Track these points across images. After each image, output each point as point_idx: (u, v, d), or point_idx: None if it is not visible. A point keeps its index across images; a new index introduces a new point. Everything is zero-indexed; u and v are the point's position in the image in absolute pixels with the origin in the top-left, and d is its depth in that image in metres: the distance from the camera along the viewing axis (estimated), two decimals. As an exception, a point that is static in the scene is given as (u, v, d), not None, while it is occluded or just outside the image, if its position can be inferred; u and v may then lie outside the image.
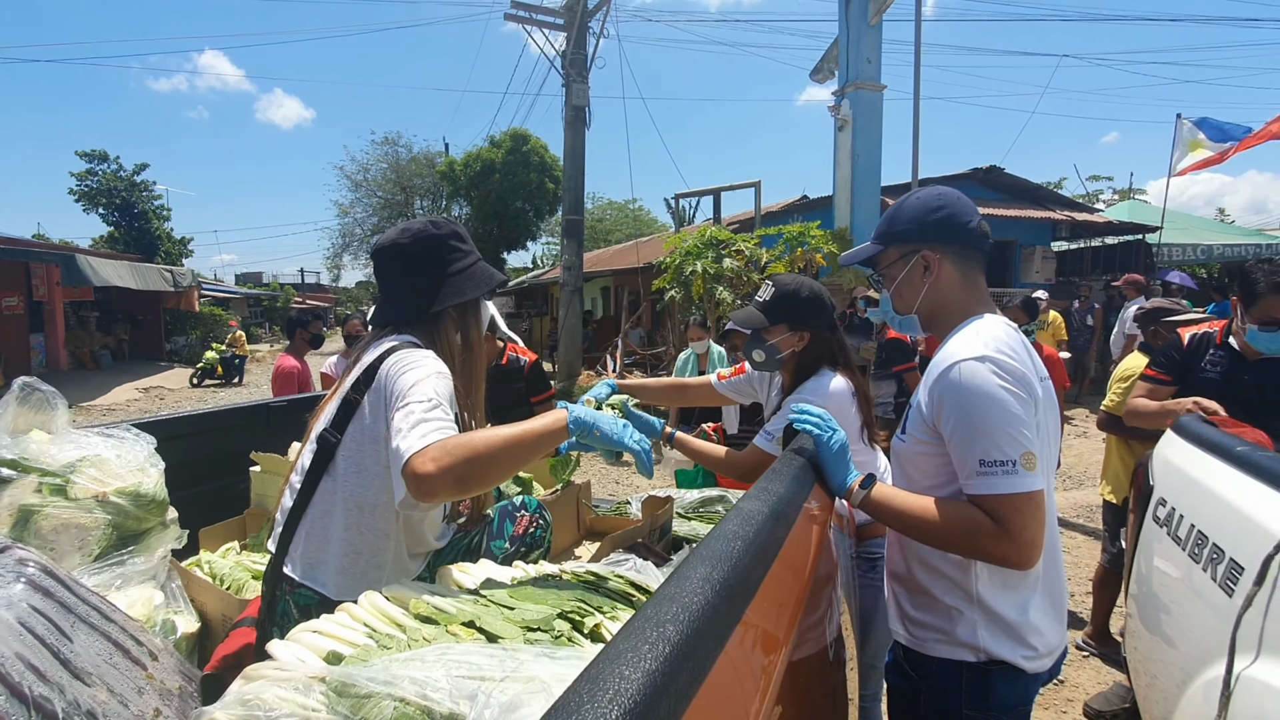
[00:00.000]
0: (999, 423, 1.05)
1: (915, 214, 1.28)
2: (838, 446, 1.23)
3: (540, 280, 21.78)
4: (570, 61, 12.93)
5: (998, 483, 1.04)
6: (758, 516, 0.88)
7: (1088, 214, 13.45)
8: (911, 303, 1.30)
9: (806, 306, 1.82)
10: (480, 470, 1.01)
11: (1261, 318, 2.11)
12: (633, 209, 37.66)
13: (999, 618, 1.15)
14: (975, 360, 1.09)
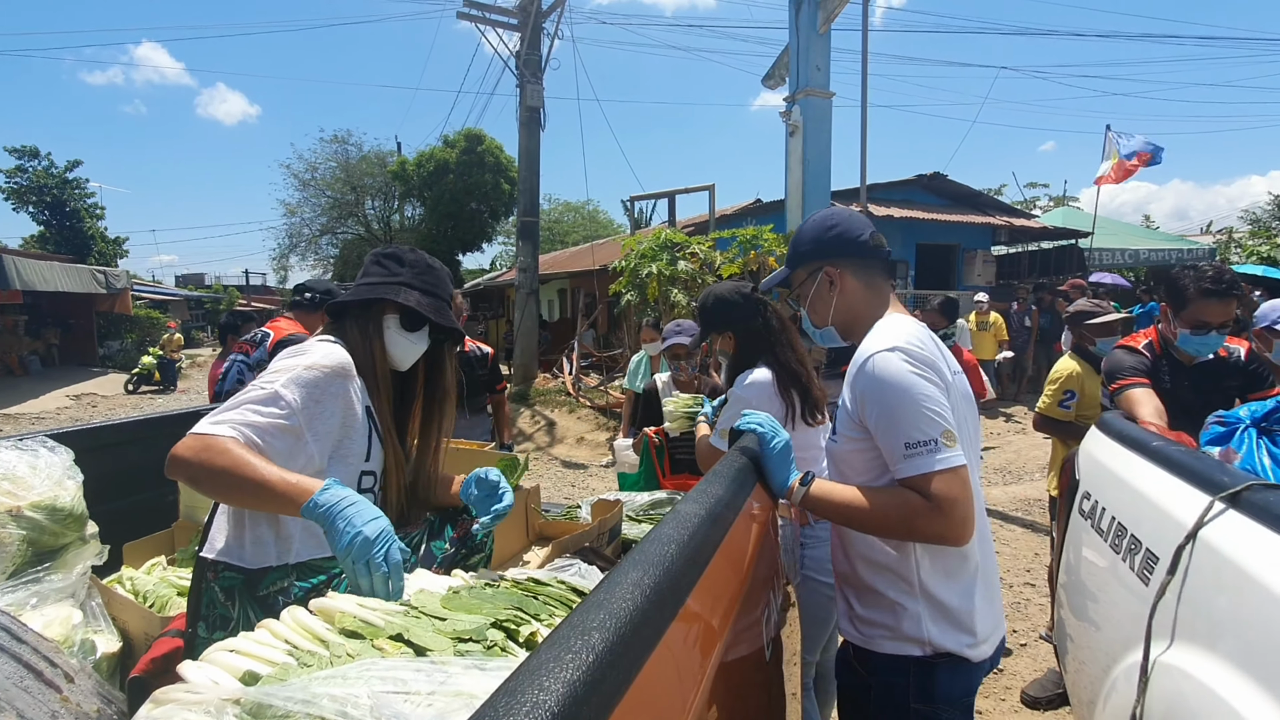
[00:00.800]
0: (915, 405, 1.12)
1: (813, 235, 1.39)
2: (780, 448, 1.27)
3: (496, 282, 21.53)
4: (524, 62, 12.83)
5: (923, 462, 1.10)
6: (694, 519, 0.88)
7: (1025, 220, 14.05)
8: (825, 315, 1.40)
9: (715, 312, 2.12)
10: (211, 482, 1.08)
11: (1191, 322, 2.16)
12: (590, 211, 37.58)
13: (942, 606, 1.20)
14: (885, 351, 1.16)
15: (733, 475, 1.11)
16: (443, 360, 1.53)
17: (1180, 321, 2.20)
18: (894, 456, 1.14)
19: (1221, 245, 22.97)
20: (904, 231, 12.24)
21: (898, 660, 1.24)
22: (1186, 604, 1.12)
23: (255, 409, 1.16)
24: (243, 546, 1.23)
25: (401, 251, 1.46)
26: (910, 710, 1.25)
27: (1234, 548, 1.06)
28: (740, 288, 2.15)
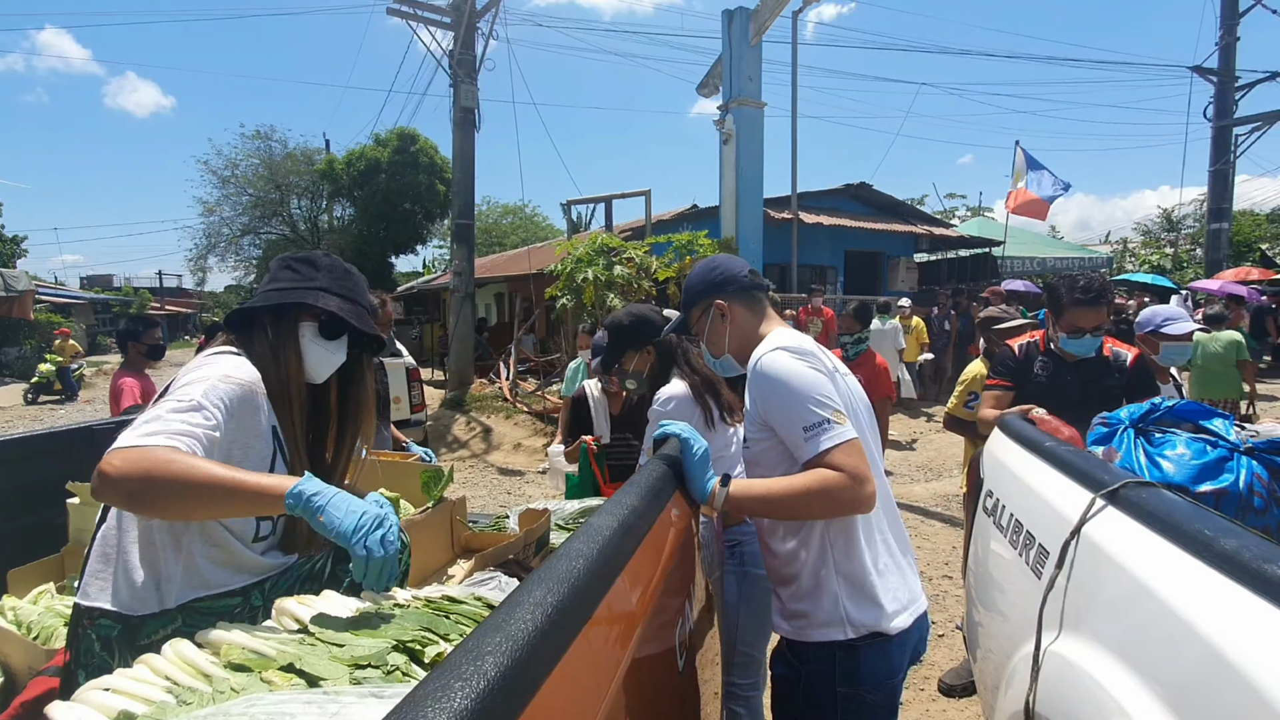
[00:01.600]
0: (803, 391, 1.24)
1: (700, 278, 1.57)
2: (700, 454, 1.32)
3: (431, 286, 20.99)
4: (458, 62, 12.58)
5: (822, 439, 1.21)
6: (605, 531, 0.88)
7: (945, 229, 14.78)
8: (721, 345, 1.54)
9: (633, 330, 2.22)
10: (161, 494, 0.97)
11: (1068, 327, 2.40)
12: (529, 214, 37.21)
13: (856, 583, 1.29)
14: (770, 352, 1.32)
15: (649, 484, 1.11)
16: (359, 371, 1.47)
17: (1059, 327, 2.44)
18: (796, 443, 1.25)
19: (1118, 254, 24.85)
20: (833, 239, 12.67)
21: (824, 647, 1.31)
22: (1072, 596, 1.20)
23: (183, 418, 1.06)
24: (118, 592, 1.13)
25: (315, 255, 1.39)
26: (836, 694, 1.31)
27: (1112, 542, 1.14)
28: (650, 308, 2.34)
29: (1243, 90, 15.35)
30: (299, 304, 1.30)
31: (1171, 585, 0.96)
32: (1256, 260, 19.32)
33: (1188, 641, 0.88)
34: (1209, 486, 1.26)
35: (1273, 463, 1.30)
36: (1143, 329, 3.00)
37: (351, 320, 1.33)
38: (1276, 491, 1.27)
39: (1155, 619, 0.97)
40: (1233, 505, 1.24)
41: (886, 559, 1.34)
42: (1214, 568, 0.91)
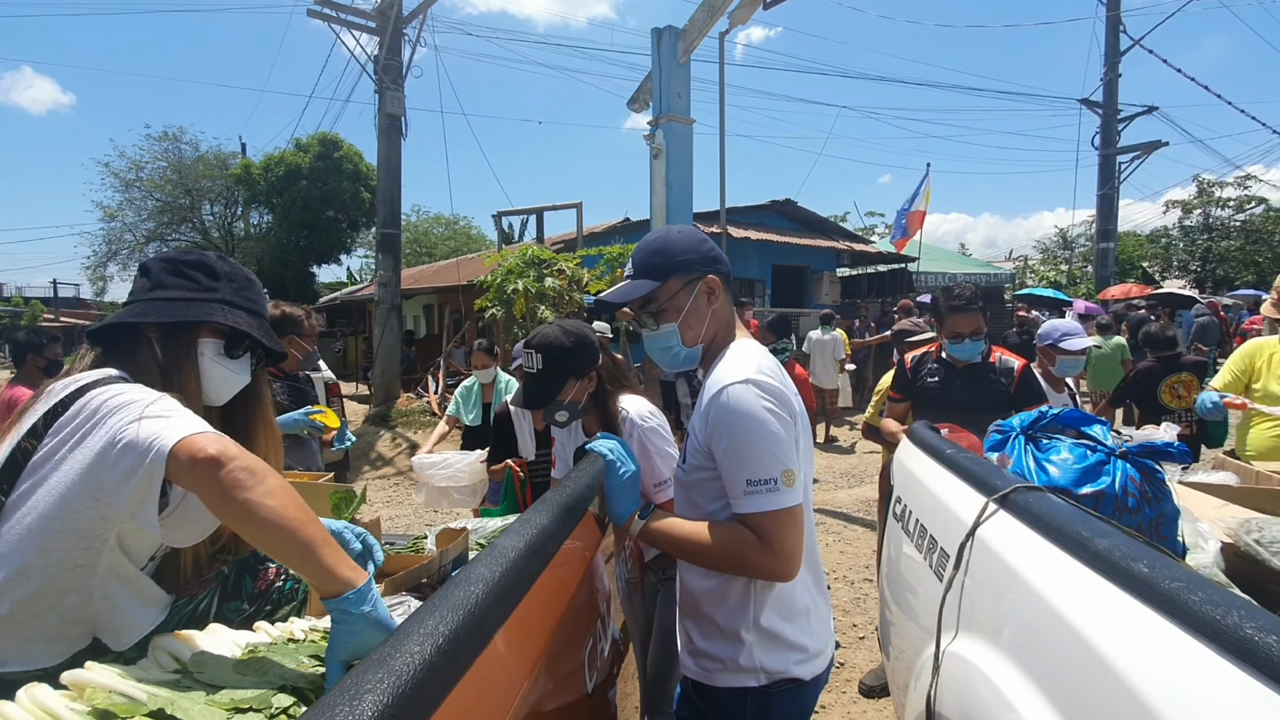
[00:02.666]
0: (763, 442, 1.12)
1: (690, 244, 1.31)
2: (627, 476, 1.26)
3: (356, 297, 20.23)
4: (384, 68, 12.27)
5: (762, 500, 1.11)
6: (510, 553, 0.86)
7: (865, 245, 15.47)
8: (699, 332, 1.31)
9: (578, 352, 1.81)
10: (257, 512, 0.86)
11: (949, 333, 2.64)
12: (461, 225, 36.57)
13: (776, 634, 1.21)
14: (741, 383, 1.15)
15: (563, 502, 1.10)
16: (261, 389, 1.37)
17: (944, 334, 2.68)
18: (735, 491, 1.15)
19: (1020, 270, 26.67)
20: (760, 253, 13.02)
21: (735, 692, 1.24)
22: (967, 597, 1.26)
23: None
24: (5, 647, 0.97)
25: (209, 259, 1.22)
26: None
27: (1002, 544, 1.20)
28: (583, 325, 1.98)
29: (1125, 122, 16.85)
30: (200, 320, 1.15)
31: (1053, 584, 1.02)
32: (1138, 277, 21.20)
33: (1067, 638, 0.94)
34: (1089, 489, 1.36)
35: (1144, 465, 1.41)
36: (1043, 341, 3.23)
37: (262, 339, 1.23)
38: (1148, 491, 1.38)
39: (1040, 617, 1.02)
40: (1110, 505, 1.34)
41: (806, 600, 1.27)
42: (1089, 567, 0.97)
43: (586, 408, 1.88)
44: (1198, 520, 1.58)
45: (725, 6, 8.98)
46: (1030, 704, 0.96)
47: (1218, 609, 0.75)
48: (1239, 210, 24.00)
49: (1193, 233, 24.68)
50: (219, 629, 0.99)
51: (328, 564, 0.87)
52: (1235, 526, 1.56)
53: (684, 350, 1.32)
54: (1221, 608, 0.74)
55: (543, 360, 1.80)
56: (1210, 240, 23.84)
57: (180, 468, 0.91)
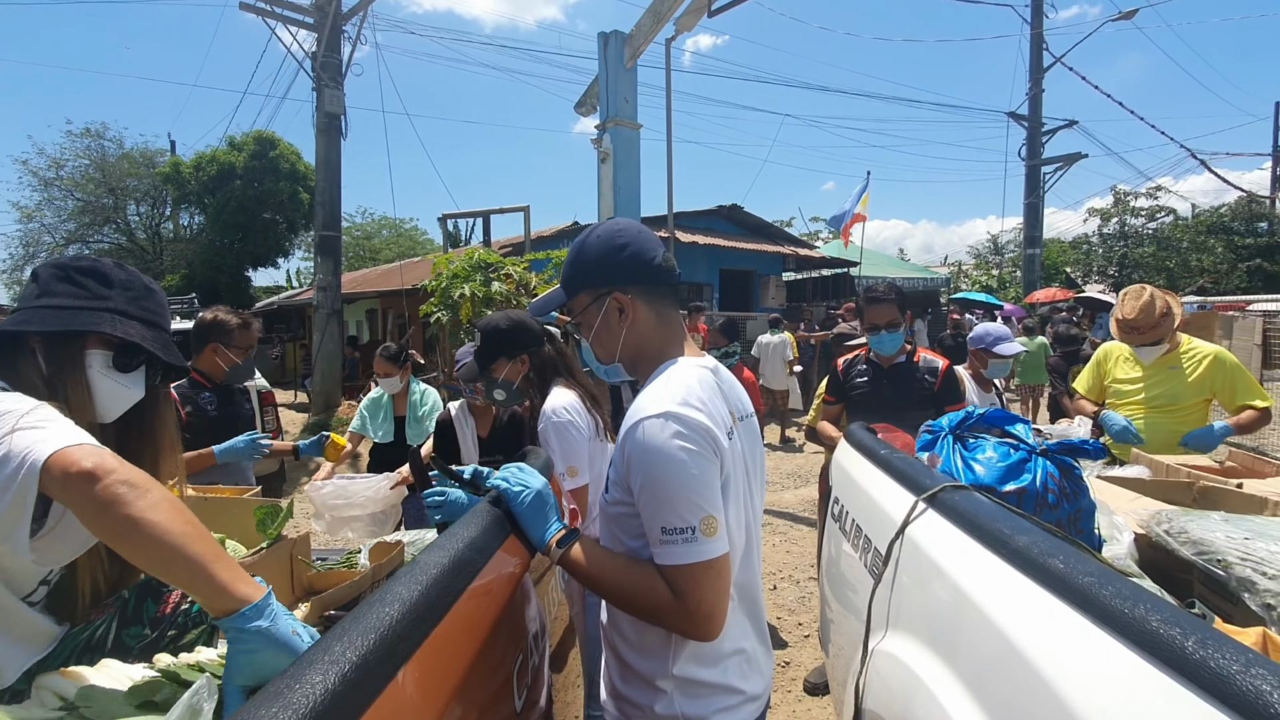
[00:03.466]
0: (679, 488, 1.00)
1: (600, 254, 1.20)
2: (529, 502, 1.14)
3: (294, 301, 19.49)
4: (322, 65, 11.90)
5: (677, 552, 1.00)
6: (431, 570, 0.83)
7: (809, 250, 15.87)
8: (613, 350, 1.22)
9: (510, 335, 2.06)
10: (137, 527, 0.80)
11: (867, 326, 2.77)
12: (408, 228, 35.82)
13: (693, 680, 1.11)
14: (658, 418, 1.03)
15: (493, 514, 1.07)
16: (158, 405, 1.28)
17: (864, 328, 2.81)
18: (652, 537, 1.04)
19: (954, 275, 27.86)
20: (708, 257, 13.17)
21: None
22: (897, 594, 1.29)
23: None
24: None
25: (104, 266, 1.16)
26: None
27: (930, 542, 1.23)
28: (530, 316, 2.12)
29: (1048, 135, 17.76)
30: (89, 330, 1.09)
31: (975, 581, 1.05)
32: (1062, 282, 22.44)
33: (989, 634, 0.96)
34: (1012, 486, 1.40)
35: (1063, 461, 1.47)
36: (975, 345, 3.36)
37: (157, 351, 1.15)
38: (1066, 487, 1.43)
39: (963, 614, 1.05)
40: (1031, 502, 1.39)
41: (739, 642, 1.15)
42: (1010, 563, 1.00)
43: (523, 392, 2.06)
44: (1113, 513, 1.66)
45: (671, 13, 9.06)
46: (954, 699, 0.98)
47: (1126, 602, 0.77)
48: (1151, 219, 25.71)
49: (1110, 240, 26.26)
50: (111, 664, 0.92)
51: (220, 580, 0.80)
52: (1147, 518, 1.64)
53: (601, 366, 1.26)
54: (1130, 601, 0.77)
55: (480, 338, 2.08)
56: (1126, 247, 25.42)
57: (54, 482, 0.84)
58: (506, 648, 0.96)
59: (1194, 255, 23.30)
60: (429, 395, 3.59)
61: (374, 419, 3.55)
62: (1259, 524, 1.51)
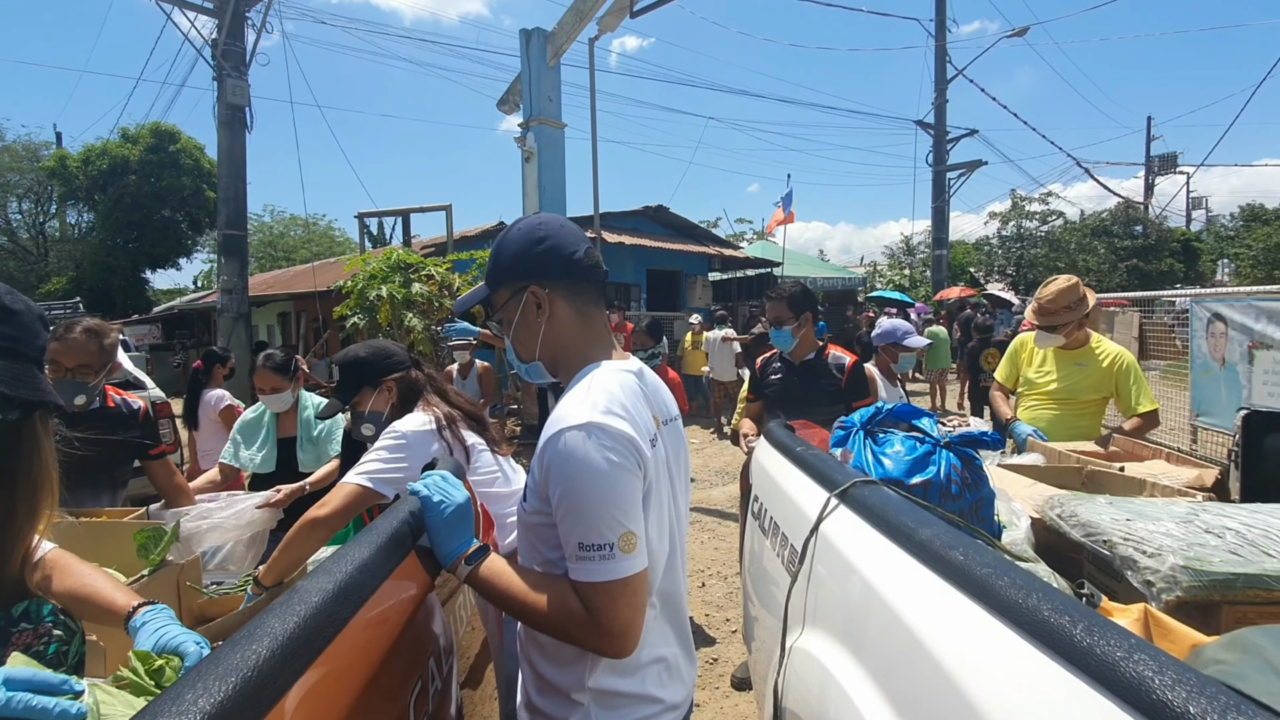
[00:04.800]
0: (599, 502, 0.97)
1: (519, 248, 1.17)
2: (449, 512, 1.08)
3: (197, 305, 18.24)
4: (224, 53, 11.16)
5: (593, 569, 0.97)
6: (312, 598, 0.75)
7: (734, 250, 16.18)
8: (532, 348, 1.19)
9: (372, 364, 1.98)
10: None
11: (770, 322, 2.91)
12: (322, 227, 34.23)
13: (610, 691, 1.08)
14: (579, 430, 0.99)
15: (389, 533, 0.99)
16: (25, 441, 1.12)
17: (769, 325, 2.96)
18: (568, 552, 1.01)
19: (870, 274, 29.21)
20: (635, 258, 13.22)
21: None
22: (812, 591, 1.30)
23: None
24: None
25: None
26: None
27: (841, 538, 1.25)
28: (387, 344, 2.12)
29: (952, 142, 18.83)
30: None
31: (882, 575, 1.06)
32: (967, 281, 23.92)
33: (895, 628, 0.98)
34: (919, 479, 1.45)
35: (965, 453, 1.53)
36: (883, 340, 3.49)
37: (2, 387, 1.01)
38: (968, 477, 1.49)
39: (872, 609, 1.06)
40: (936, 493, 1.43)
41: (660, 650, 1.13)
42: (914, 556, 1.02)
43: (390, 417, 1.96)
44: (1011, 500, 1.74)
45: (593, 12, 9.02)
46: (865, 696, 0.99)
47: (1020, 592, 0.79)
48: (1043, 223, 27.79)
49: (1009, 242, 28.23)
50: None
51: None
52: (1042, 503, 1.74)
53: (522, 365, 1.23)
54: (1023, 591, 0.79)
55: (339, 372, 2.01)
56: (1022, 248, 27.37)
57: None
58: (403, 676, 0.90)
59: (1080, 256, 25.38)
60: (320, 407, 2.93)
61: (249, 444, 2.91)
62: (1139, 505, 1.61)
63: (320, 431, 2.92)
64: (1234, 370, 5.07)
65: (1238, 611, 1.31)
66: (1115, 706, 0.63)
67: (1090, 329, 3.01)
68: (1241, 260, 29.28)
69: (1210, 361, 5.38)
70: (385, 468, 1.75)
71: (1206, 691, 0.57)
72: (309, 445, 2.89)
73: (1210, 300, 5.56)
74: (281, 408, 2.90)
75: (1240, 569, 1.31)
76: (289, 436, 2.92)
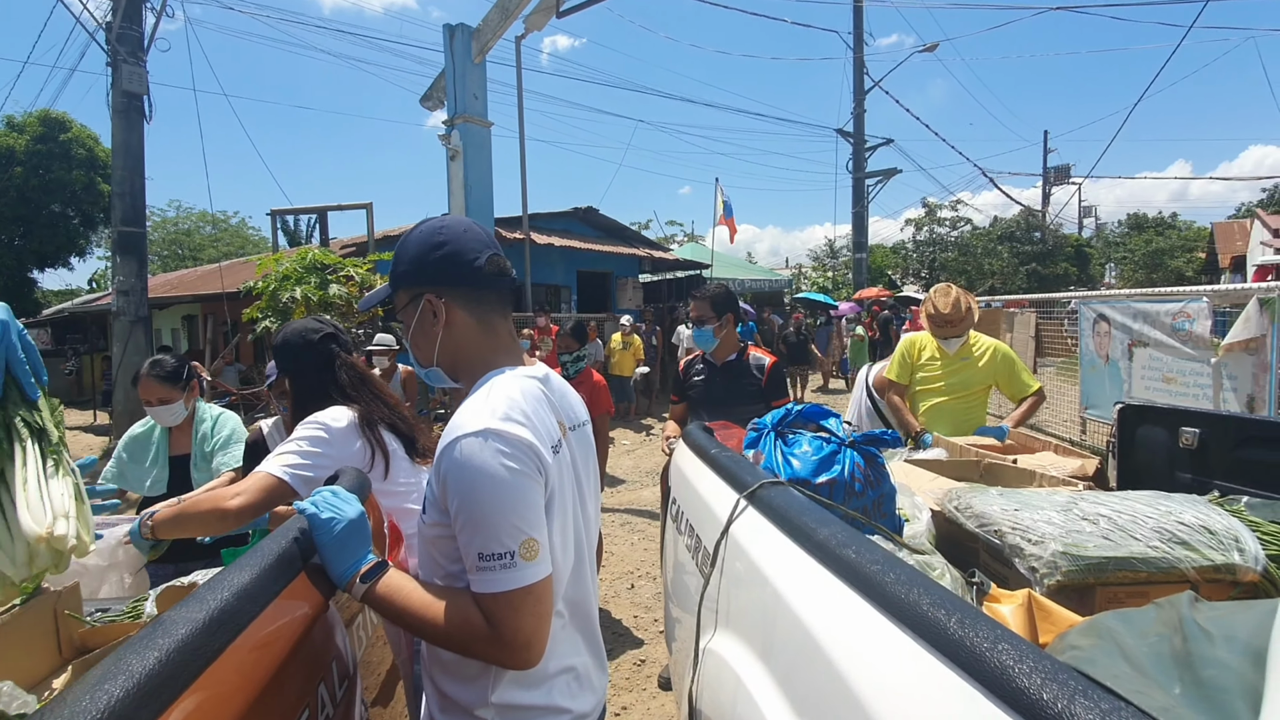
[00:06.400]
0: (499, 510, 0.95)
1: (416, 252, 1.14)
2: (339, 532, 1.03)
3: (92, 307, 16.86)
4: (119, 37, 10.37)
5: (494, 579, 0.95)
6: (180, 630, 0.70)
7: (664, 252, 16.35)
8: (429, 353, 1.16)
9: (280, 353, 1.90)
10: None
11: (693, 321, 2.98)
12: (234, 225, 32.34)
13: (515, 705, 1.06)
14: (476, 436, 0.97)
15: (276, 554, 0.94)
16: None
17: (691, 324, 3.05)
18: (468, 563, 0.98)
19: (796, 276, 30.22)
20: (565, 259, 13.14)
21: None
22: (723, 594, 1.32)
23: None
24: None
25: None
26: None
27: (748, 540, 1.27)
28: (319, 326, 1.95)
29: (870, 151, 19.67)
30: None
31: (784, 576, 1.09)
32: (885, 284, 25.16)
33: (796, 629, 1.00)
34: (825, 478, 1.49)
35: (868, 451, 1.59)
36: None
37: None
38: (870, 475, 1.55)
39: (775, 610, 1.09)
40: (841, 491, 1.48)
41: (569, 659, 1.11)
42: (812, 556, 1.04)
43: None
44: (914, 494, 1.83)
45: (519, 10, 8.91)
46: (769, 698, 1.01)
47: (903, 587, 0.83)
48: (953, 228, 29.48)
49: (923, 246, 29.76)
50: None
51: None
52: (942, 496, 1.83)
53: (421, 370, 1.20)
54: (905, 586, 0.83)
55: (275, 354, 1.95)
56: (934, 252, 28.92)
57: None
58: (290, 704, 0.85)
59: (986, 260, 27.10)
60: (225, 421, 2.72)
61: (136, 465, 2.59)
62: (1026, 495, 1.73)
63: (216, 444, 2.64)
64: (1116, 366, 5.52)
65: (1110, 592, 1.42)
66: (984, 698, 0.66)
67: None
68: (1125, 264, 32.06)
69: (1096, 358, 5.84)
70: (304, 463, 1.64)
71: (1059, 678, 0.61)
72: (204, 463, 2.61)
73: (1095, 302, 6.03)
74: (172, 421, 2.59)
75: (1111, 553, 1.42)
76: (183, 454, 2.63)
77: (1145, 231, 33.20)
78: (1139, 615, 0.83)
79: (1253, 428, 2.04)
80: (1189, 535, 1.47)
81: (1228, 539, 1.45)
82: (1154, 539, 1.45)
